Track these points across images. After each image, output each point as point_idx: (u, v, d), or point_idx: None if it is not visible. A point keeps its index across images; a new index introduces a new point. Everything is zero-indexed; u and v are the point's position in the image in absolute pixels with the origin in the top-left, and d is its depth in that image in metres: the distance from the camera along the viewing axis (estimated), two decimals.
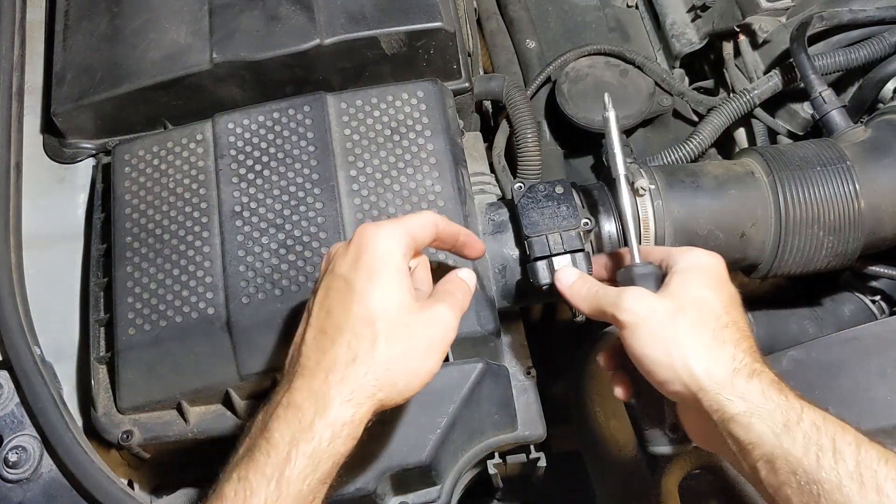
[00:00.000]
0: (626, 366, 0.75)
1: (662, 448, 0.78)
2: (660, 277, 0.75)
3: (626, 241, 0.82)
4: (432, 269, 0.78)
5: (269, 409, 0.63)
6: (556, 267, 0.83)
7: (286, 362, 0.67)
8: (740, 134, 1.29)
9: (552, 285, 0.81)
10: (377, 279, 0.65)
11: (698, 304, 0.70)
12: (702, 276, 0.73)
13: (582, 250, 0.88)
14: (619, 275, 0.79)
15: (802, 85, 1.09)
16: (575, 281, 0.78)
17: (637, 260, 0.77)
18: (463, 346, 0.86)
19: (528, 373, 0.95)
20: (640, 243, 0.92)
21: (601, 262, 0.85)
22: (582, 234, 0.88)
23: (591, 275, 0.81)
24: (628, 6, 1.44)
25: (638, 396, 0.77)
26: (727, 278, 0.74)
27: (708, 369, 0.67)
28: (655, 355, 0.69)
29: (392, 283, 0.65)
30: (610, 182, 0.97)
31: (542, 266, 0.84)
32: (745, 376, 0.66)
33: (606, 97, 0.81)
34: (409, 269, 0.70)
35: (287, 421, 0.61)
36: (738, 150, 1.20)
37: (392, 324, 0.64)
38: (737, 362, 0.67)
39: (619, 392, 0.79)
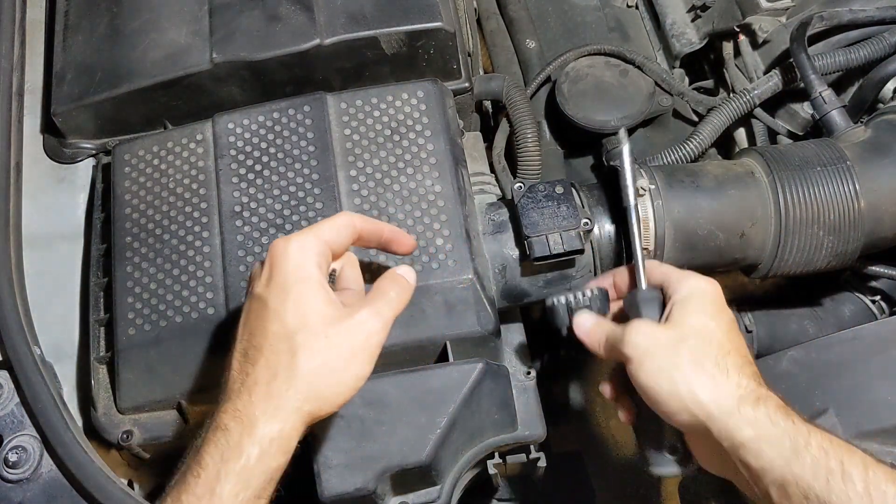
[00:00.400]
0: (629, 390, 0.76)
1: (665, 470, 0.78)
2: (662, 302, 0.76)
3: (629, 257, 0.82)
4: (376, 268, 0.78)
5: (201, 434, 0.64)
6: (574, 313, 0.81)
7: (222, 379, 0.67)
8: (740, 134, 1.29)
9: (570, 330, 0.82)
10: (290, 294, 0.65)
11: (700, 333, 0.71)
12: (701, 304, 0.73)
13: (582, 251, 0.88)
14: (625, 301, 0.80)
15: (802, 85, 1.09)
16: (591, 327, 0.79)
17: (643, 286, 0.78)
18: (463, 346, 0.86)
19: (528, 373, 0.95)
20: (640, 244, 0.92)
21: (608, 282, 0.85)
22: (582, 234, 0.88)
23: (607, 314, 0.81)
24: (628, 6, 1.44)
25: (640, 419, 0.78)
26: (724, 303, 0.75)
27: (715, 398, 0.67)
28: (661, 387, 0.69)
29: (306, 296, 0.65)
30: (610, 183, 0.97)
31: (560, 310, 0.82)
32: (752, 402, 0.67)
33: (622, 132, 0.85)
34: (334, 272, 0.72)
35: (216, 443, 0.62)
36: (738, 150, 1.20)
37: (309, 336, 0.64)
38: (742, 389, 0.68)
39: (622, 416, 0.79)
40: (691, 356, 0.69)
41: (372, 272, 0.83)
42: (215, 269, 0.87)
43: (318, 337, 0.64)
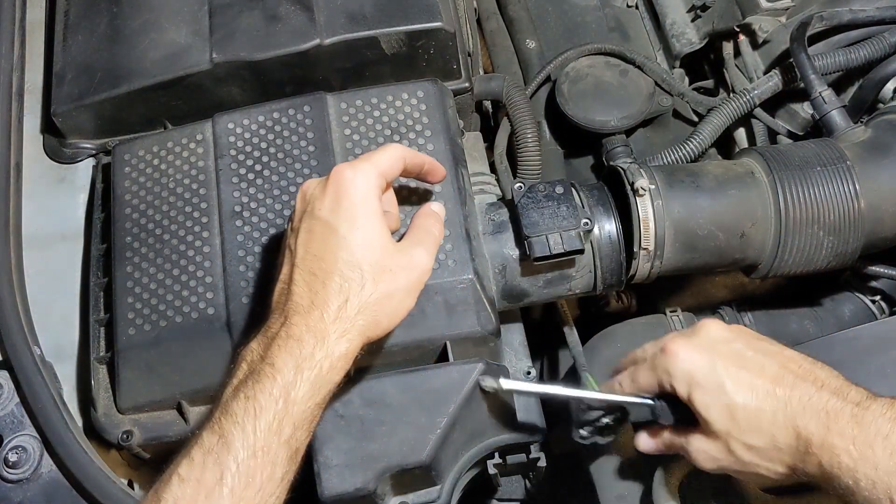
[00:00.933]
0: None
1: None
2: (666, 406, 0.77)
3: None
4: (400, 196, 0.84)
5: (265, 342, 0.68)
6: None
7: (273, 300, 0.71)
8: (740, 134, 1.29)
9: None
10: (358, 224, 0.70)
11: (742, 386, 0.71)
12: (715, 363, 0.73)
13: (582, 251, 0.88)
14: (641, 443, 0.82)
15: (802, 85, 1.09)
16: (653, 448, 0.81)
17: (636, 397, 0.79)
18: (463, 346, 0.86)
19: (528, 373, 0.95)
20: (640, 245, 0.92)
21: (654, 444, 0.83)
22: (582, 234, 0.88)
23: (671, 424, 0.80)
24: (628, 6, 1.44)
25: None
26: (721, 336, 0.75)
27: (805, 426, 0.68)
28: (755, 454, 0.71)
29: (372, 229, 0.71)
30: (610, 183, 0.97)
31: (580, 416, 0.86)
32: (848, 417, 0.66)
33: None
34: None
35: (289, 350, 0.66)
36: (738, 150, 1.20)
37: (376, 268, 0.70)
38: (824, 403, 0.68)
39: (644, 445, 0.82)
40: (758, 407, 0.70)
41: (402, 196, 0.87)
42: (215, 269, 0.87)
43: (384, 271, 0.70)
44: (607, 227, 0.93)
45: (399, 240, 0.76)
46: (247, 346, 0.69)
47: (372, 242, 0.70)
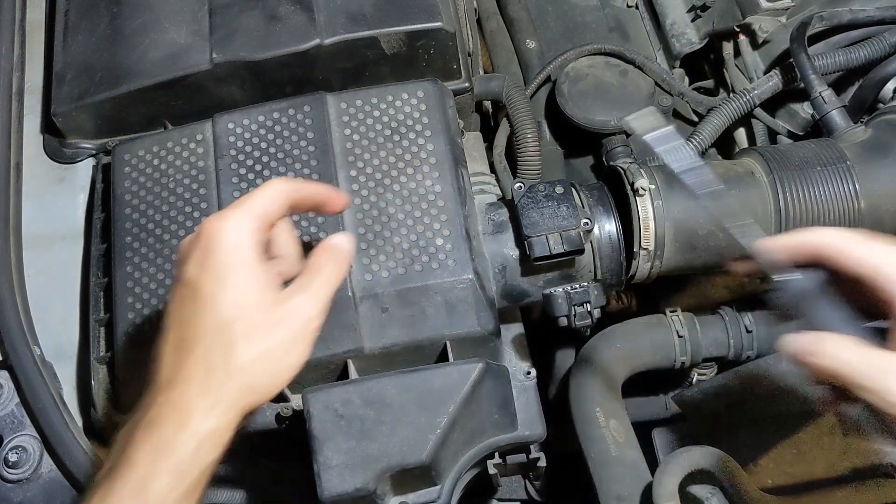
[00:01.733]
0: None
1: None
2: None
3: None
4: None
5: (129, 430, 0.60)
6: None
7: (149, 372, 0.64)
8: (740, 134, 1.29)
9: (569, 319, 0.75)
10: (227, 281, 0.62)
11: None
12: None
13: (582, 251, 0.88)
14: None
15: (802, 85, 1.09)
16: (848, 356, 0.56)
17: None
18: (463, 346, 0.86)
19: (528, 373, 0.95)
20: (640, 245, 0.92)
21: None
22: (582, 234, 0.89)
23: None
24: (628, 6, 1.44)
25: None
26: None
27: None
28: None
29: (243, 283, 0.62)
30: (610, 183, 0.97)
31: (559, 299, 0.80)
32: None
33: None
34: (268, 241, 0.68)
35: (148, 438, 0.59)
36: (738, 150, 1.20)
37: (247, 326, 0.61)
38: None
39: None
40: None
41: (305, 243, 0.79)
42: None
43: (256, 328, 0.62)
44: (607, 227, 0.93)
45: None
46: (113, 438, 0.62)
47: (243, 298, 0.61)
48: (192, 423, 0.59)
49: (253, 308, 0.62)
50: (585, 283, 0.82)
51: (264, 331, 0.62)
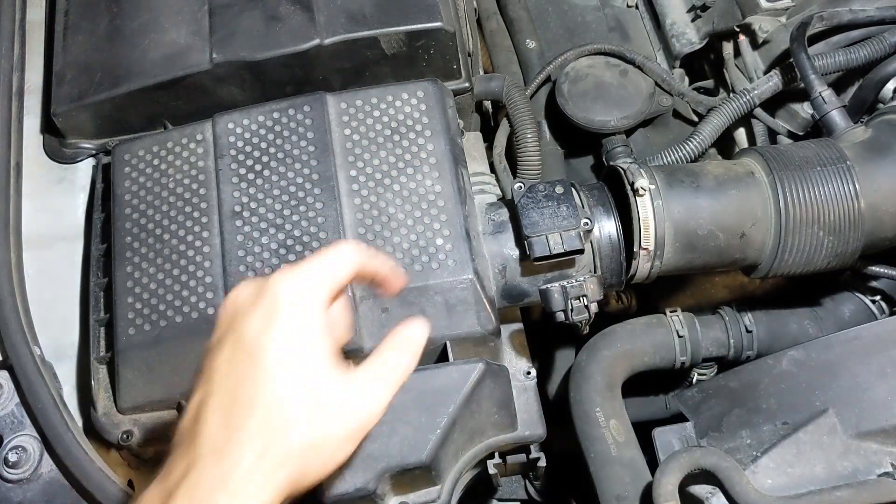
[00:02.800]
0: None
1: None
2: None
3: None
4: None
5: (163, 494, 0.55)
6: None
7: (178, 430, 0.58)
8: (740, 134, 1.29)
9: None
10: (294, 357, 0.56)
11: None
12: None
13: (582, 251, 0.88)
14: None
15: (802, 85, 1.08)
16: None
17: None
18: (463, 346, 0.86)
19: (528, 373, 0.95)
20: (640, 245, 0.92)
21: None
22: (582, 233, 0.89)
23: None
24: (628, 6, 1.44)
25: None
26: None
27: None
28: None
29: (311, 358, 0.57)
30: (610, 183, 0.97)
31: (556, 294, 0.81)
32: None
33: None
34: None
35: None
36: (738, 150, 1.20)
37: (311, 408, 0.56)
38: None
39: None
40: None
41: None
42: (215, 269, 0.87)
43: (321, 410, 0.57)
44: (607, 227, 0.93)
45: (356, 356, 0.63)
46: (142, 495, 0.56)
47: (308, 376, 0.56)
48: (239, 500, 0.54)
49: (318, 387, 0.57)
50: (582, 278, 0.82)
51: (328, 415, 0.57)
